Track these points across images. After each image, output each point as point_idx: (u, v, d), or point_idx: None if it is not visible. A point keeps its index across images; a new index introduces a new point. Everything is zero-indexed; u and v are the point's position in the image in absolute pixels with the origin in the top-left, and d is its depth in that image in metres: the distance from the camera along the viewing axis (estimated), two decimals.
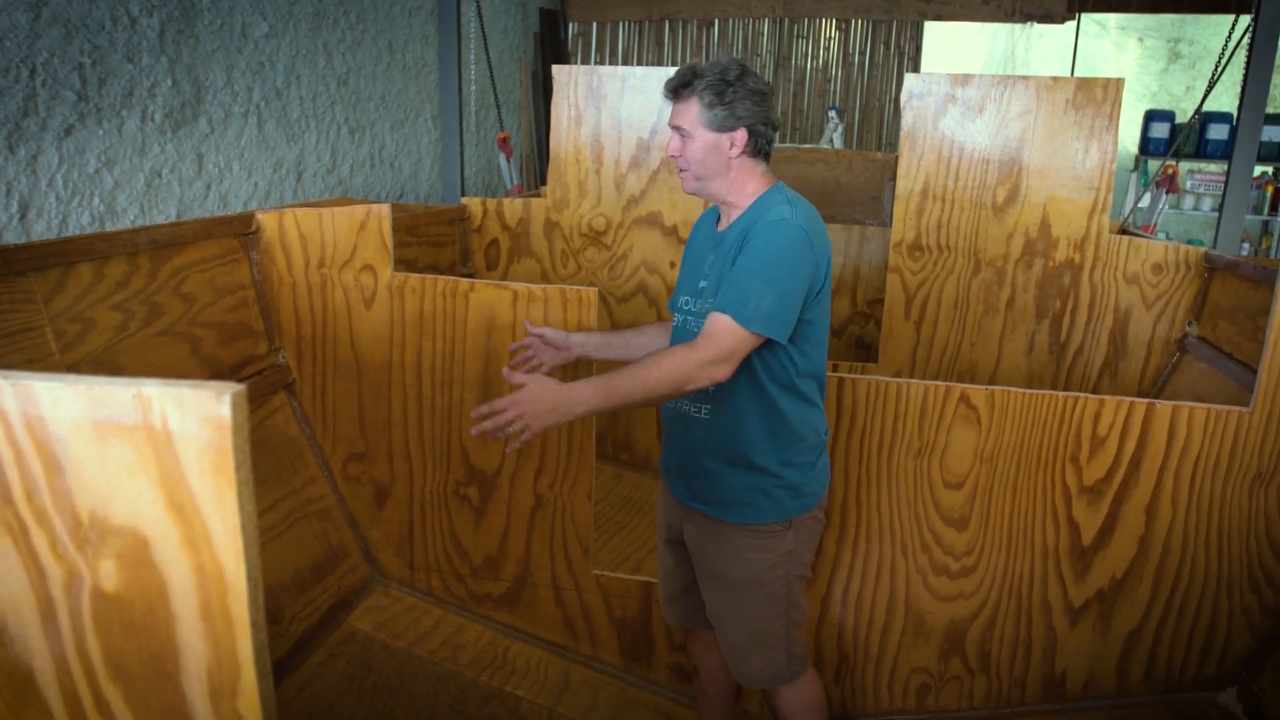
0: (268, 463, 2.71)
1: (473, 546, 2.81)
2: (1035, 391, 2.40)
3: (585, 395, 1.85)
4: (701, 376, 1.86)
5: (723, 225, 2.07)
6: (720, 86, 2.01)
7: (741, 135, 2.03)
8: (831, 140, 6.61)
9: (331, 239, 2.81)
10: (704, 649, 2.42)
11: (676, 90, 2.02)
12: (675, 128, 2.02)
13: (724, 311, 1.86)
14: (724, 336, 1.87)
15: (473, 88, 5.93)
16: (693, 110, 2.01)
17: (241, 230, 2.74)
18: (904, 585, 2.53)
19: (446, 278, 2.72)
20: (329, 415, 2.91)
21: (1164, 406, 2.35)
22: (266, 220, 2.77)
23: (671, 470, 2.14)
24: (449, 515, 2.84)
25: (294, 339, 2.84)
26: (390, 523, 2.88)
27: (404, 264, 3.36)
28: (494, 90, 4.52)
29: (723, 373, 1.86)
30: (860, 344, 4.41)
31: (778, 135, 2.41)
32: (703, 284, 2.04)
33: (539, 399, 1.85)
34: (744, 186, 2.04)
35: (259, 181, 4.10)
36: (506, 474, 2.77)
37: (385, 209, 2.77)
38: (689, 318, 2.05)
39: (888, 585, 2.54)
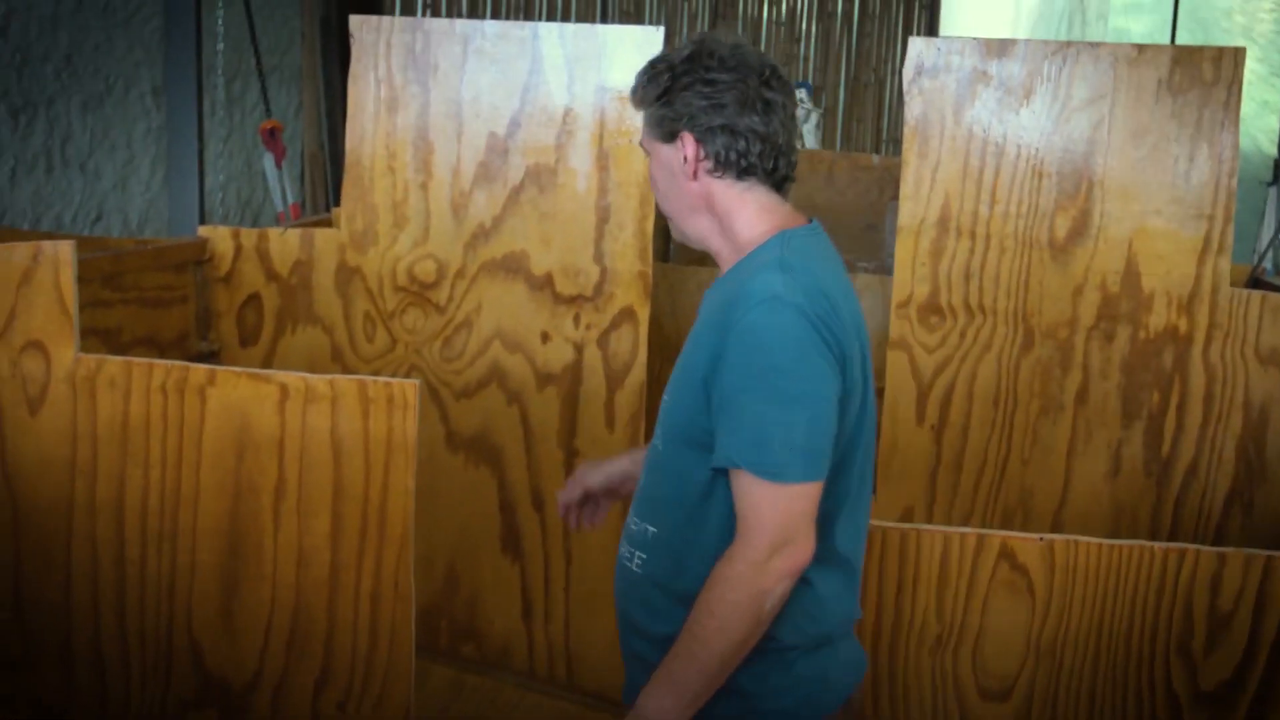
0: None
1: None
2: (1121, 542, 2.18)
3: (662, 707, 1.70)
4: (771, 584, 1.67)
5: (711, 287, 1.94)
6: (663, 76, 1.81)
7: (688, 142, 1.81)
8: (800, 136, 5.95)
9: None
10: None
11: (633, 92, 1.88)
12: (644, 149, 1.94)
13: (742, 469, 1.68)
14: (762, 511, 1.67)
15: (220, 45, 5.14)
16: (643, 115, 1.88)
17: None
18: None
19: (170, 363, 2.41)
20: None
21: None
22: None
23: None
24: None
25: None
26: None
27: (99, 337, 3.03)
28: (255, 50, 4.45)
29: (800, 554, 1.68)
30: None
31: (772, 143, 1.86)
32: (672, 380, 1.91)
33: None
34: (731, 225, 1.85)
35: None
36: (267, 686, 2.47)
37: (67, 248, 2.44)
38: (653, 459, 1.92)
39: None
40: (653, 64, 1.86)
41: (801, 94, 6.14)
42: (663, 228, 2.95)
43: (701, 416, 1.77)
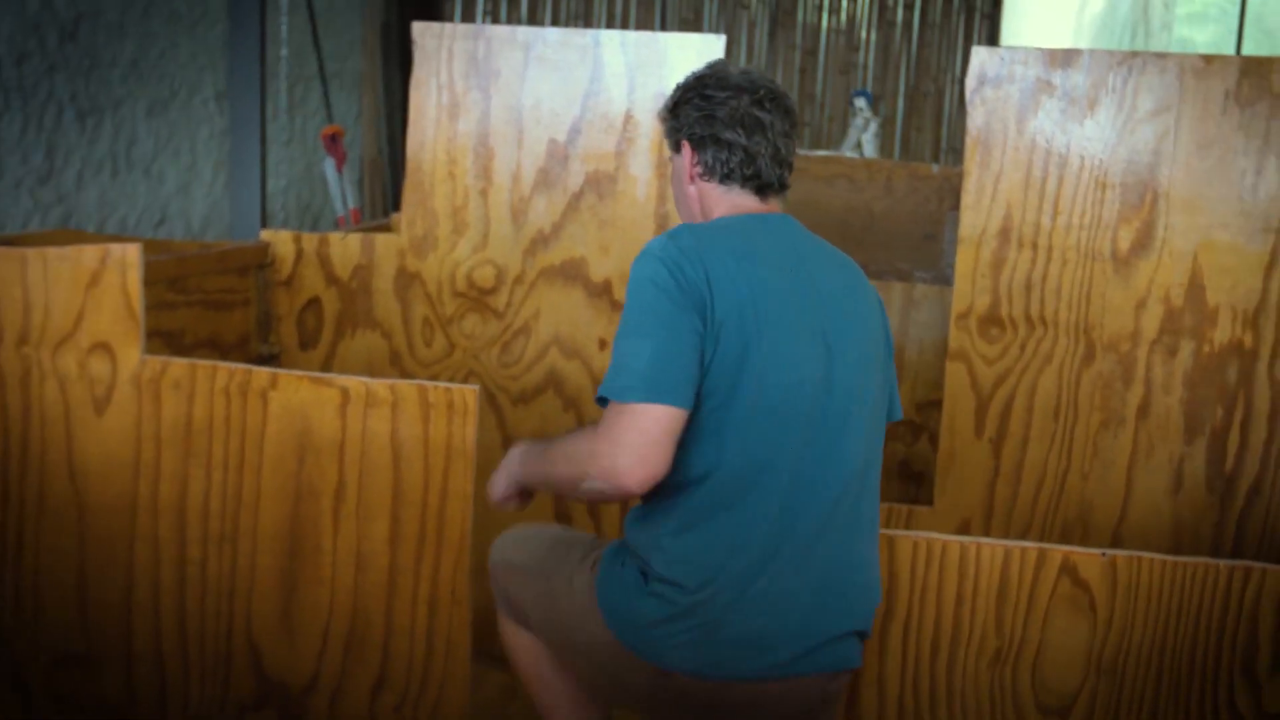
0: None
1: None
2: (1185, 559, 2.16)
3: (515, 456, 2.16)
4: (595, 472, 1.87)
5: None
6: (675, 94, 2.11)
7: (686, 149, 2.10)
8: (859, 144, 5.98)
9: (42, 300, 2.49)
10: None
11: (660, 110, 2.20)
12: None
13: (604, 396, 1.91)
14: (605, 423, 1.88)
15: (284, 51, 5.03)
16: (664, 130, 2.19)
17: None
18: None
19: (233, 365, 2.43)
20: (26, 593, 2.58)
21: None
22: None
23: None
24: None
25: None
26: None
27: (162, 338, 3.03)
28: (318, 55, 4.49)
29: (625, 469, 1.82)
30: (905, 473, 4.07)
31: (751, 154, 2.09)
32: None
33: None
34: (709, 220, 2.13)
35: None
36: (324, 688, 2.47)
37: (134, 251, 2.44)
38: None
39: None
40: (677, 84, 2.12)
41: (860, 102, 6.08)
42: None
43: None
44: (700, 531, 1.95)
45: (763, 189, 2.08)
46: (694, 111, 2.06)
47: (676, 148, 2.11)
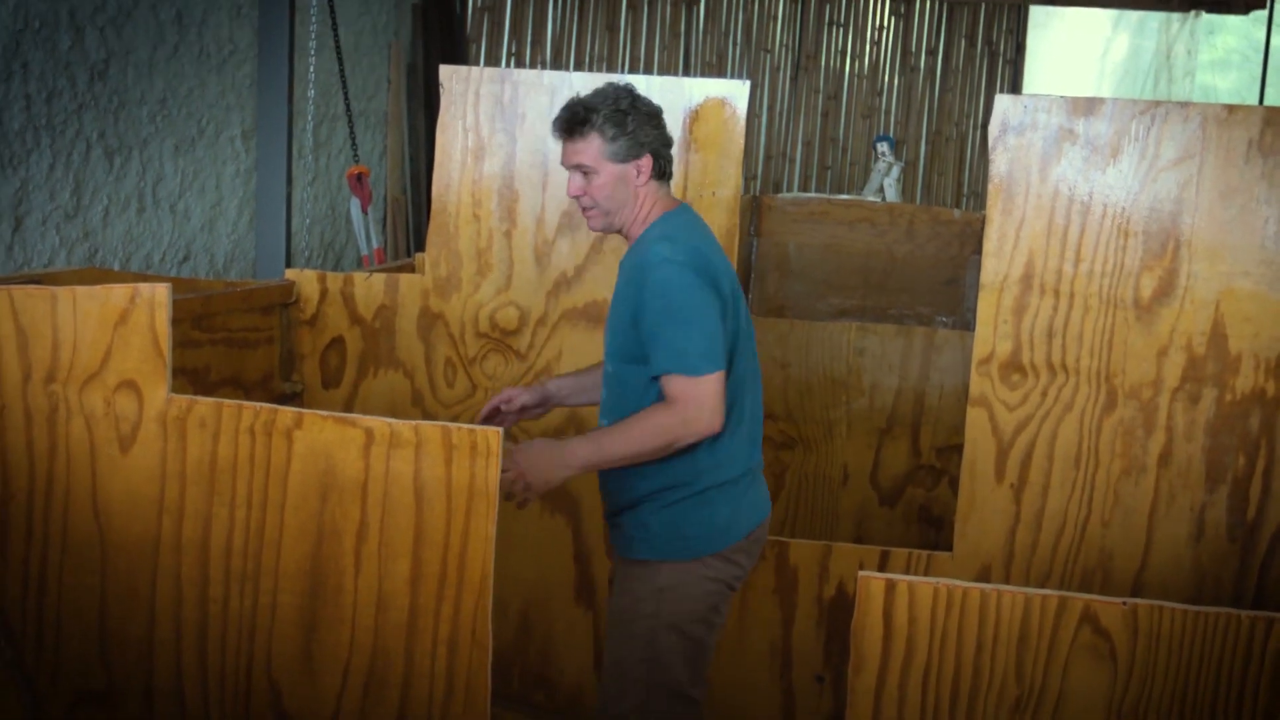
0: None
1: None
2: (1207, 609, 2.13)
3: (582, 453, 2.54)
4: (688, 434, 2.53)
5: (625, 256, 2.79)
6: (618, 117, 2.62)
7: (647, 161, 2.66)
8: (881, 189, 5.97)
9: (70, 337, 2.49)
10: None
11: (570, 129, 2.64)
12: (575, 166, 2.65)
13: (670, 373, 2.54)
14: (688, 394, 2.51)
15: (310, 90, 5.13)
16: (593, 146, 2.62)
17: None
18: None
19: (258, 405, 2.44)
20: (48, 629, 2.57)
21: None
22: None
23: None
24: None
25: None
26: None
27: (186, 376, 3.10)
28: (344, 95, 4.37)
29: (710, 423, 2.52)
30: (925, 517, 4.05)
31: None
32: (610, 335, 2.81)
33: (538, 458, 2.51)
34: (647, 214, 2.71)
35: None
36: None
37: (163, 291, 2.47)
38: (608, 375, 2.79)
39: None
40: (601, 104, 2.58)
41: (883, 147, 6.07)
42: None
43: (635, 344, 2.59)
44: (732, 437, 2.67)
45: (668, 179, 2.75)
46: (652, 130, 2.63)
47: (630, 157, 2.61)
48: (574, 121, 2.59)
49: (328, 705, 2.48)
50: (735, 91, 3.28)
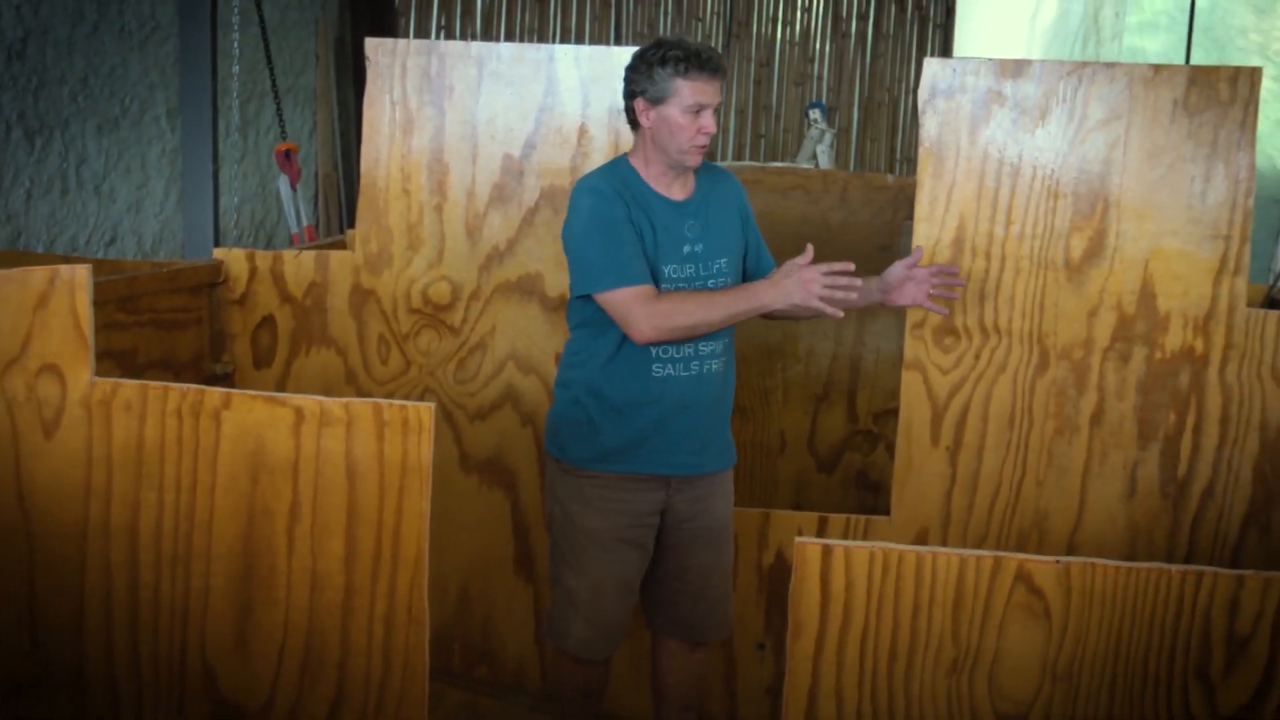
0: None
1: None
2: (1138, 565, 2.15)
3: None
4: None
5: (681, 193, 2.86)
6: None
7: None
8: (814, 156, 5.97)
9: None
10: (668, 656, 3.07)
11: (719, 69, 2.78)
12: (716, 108, 2.82)
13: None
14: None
15: (235, 67, 5.07)
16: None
17: None
18: None
19: (185, 386, 2.42)
20: None
21: None
22: None
23: (692, 450, 2.90)
24: None
25: None
26: None
27: (113, 359, 3.05)
28: (270, 72, 4.37)
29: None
30: (862, 482, 4.09)
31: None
32: (714, 250, 2.87)
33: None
34: None
35: None
36: (280, 710, 2.46)
37: (83, 272, 2.44)
38: (713, 280, 2.89)
39: None
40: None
41: (816, 114, 6.10)
42: None
43: (744, 242, 2.94)
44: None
45: None
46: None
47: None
48: (720, 63, 2.78)
49: (264, 687, 2.47)
50: None
